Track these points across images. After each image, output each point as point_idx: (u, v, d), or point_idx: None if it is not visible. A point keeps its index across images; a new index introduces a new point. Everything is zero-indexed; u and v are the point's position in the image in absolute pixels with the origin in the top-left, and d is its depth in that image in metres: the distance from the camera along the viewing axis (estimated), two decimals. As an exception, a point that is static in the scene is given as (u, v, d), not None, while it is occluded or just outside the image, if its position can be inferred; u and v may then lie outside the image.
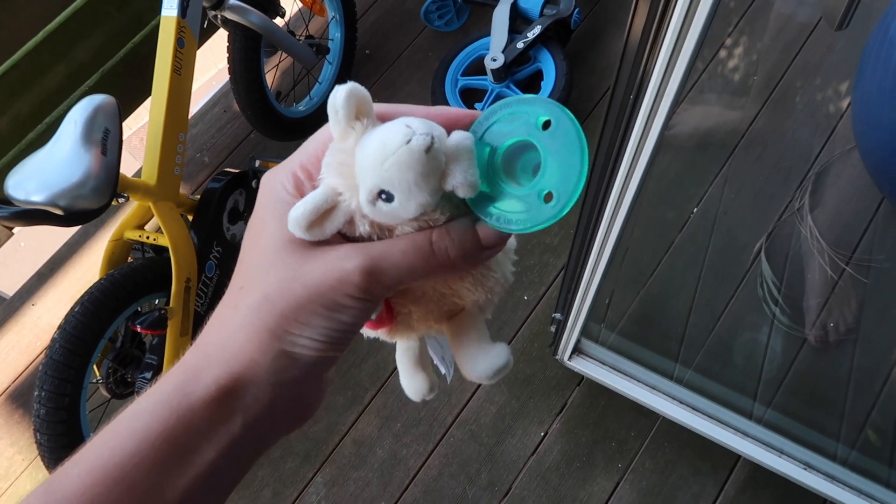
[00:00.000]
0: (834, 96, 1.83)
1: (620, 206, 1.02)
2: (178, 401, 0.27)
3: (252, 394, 0.28)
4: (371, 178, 0.28)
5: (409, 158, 0.27)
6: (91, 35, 1.58)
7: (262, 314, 0.29)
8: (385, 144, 0.28)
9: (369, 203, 0.29)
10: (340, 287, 0.28)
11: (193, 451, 0.27)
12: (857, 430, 1.42)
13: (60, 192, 1.09)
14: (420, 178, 0.28)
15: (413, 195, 0.28)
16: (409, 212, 0.29)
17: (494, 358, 0.34)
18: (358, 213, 0.30)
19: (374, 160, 0.28)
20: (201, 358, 0.29)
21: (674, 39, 0.71)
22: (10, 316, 1.80)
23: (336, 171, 0.30)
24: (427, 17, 2.04)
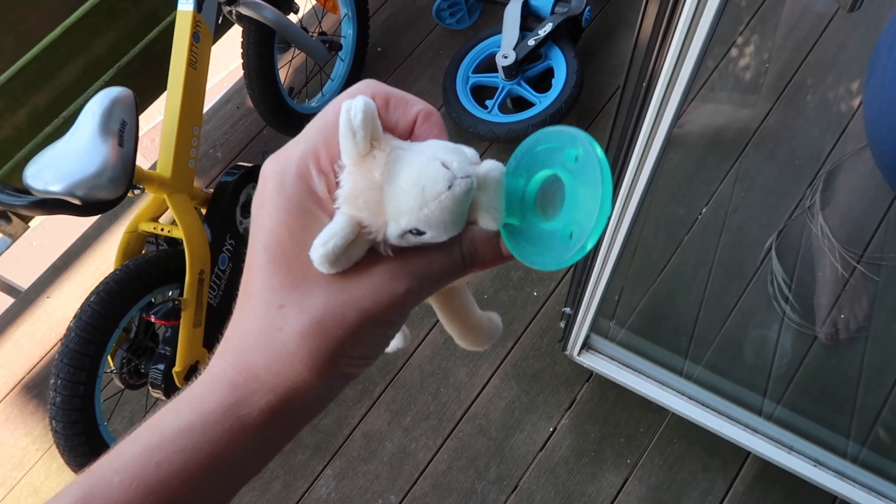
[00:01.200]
0: (845, 94, 1.83)
1: (630, 203, 1.03)
2: (230, 423, 0.27)
3: (299, 413, 0.29)
4: (408, 220, 0.27)
5: (452, 204, 0.27)
6: (108, 30, 1.60)
7: (319, 342, 0.28)
8: (425, 189, 0.27)
9: (399, 238, 0.28)
10: (394, 309, 0.29)
11: (239, 470, 0.28)
12: (868, 428, 1.42)
13: (78, 182, 1.11)
14: (457, 218, 0.28)
15: (447, 231, 0.28)
16: (438, 240, 0.28)
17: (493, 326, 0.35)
18: (382, 244, 0.29)
19: (412, 204, 0.27)
20: (251, 380, 0.28)
21: (682, 38, 0.72)
22: (26, 308, 1.82)
23: (361, 202, 0.28)
24: (439, 15, 2.05)
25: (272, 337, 0.28)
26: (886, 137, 1.47)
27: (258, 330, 0.28)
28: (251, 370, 0.28)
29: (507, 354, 1.63)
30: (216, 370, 0.29)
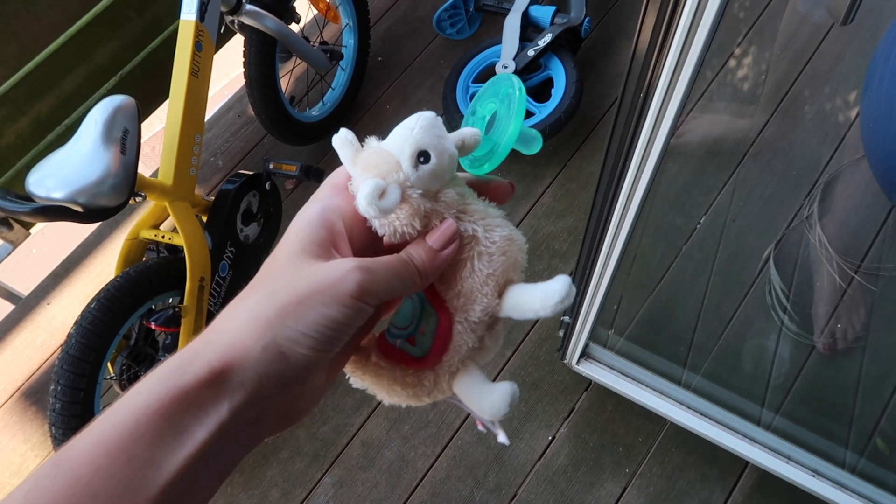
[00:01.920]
0: (842, 105, 1.84)
1: (628, 212, 1.03)
2: (173, 380, 0.29)
3: (239, 380, 0.29)
4: (409, 146, 0.35)
5: (429, 121, 0.36)
6: (111, 39, 1.61)
7: (264, 305, 0.31)
8: (407, 123, 0.36)
9: (413, 169, 0.35)
10: (340, 284, 0.31)
11: (185, 430, 0.28)
12: (866, 438, 1.42)
13: (80, 189, 1.11)
14: (442, 134, 0.36)
15: (443, 147, 0.35)
16: (444, 164, 0.36)
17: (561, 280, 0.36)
18: (408, 185, 0.35)
19: (404, 135, 0.36)
20: (201, 342, 0.30)
21: (679, 48, 0.73)
22: (26, 315, 1.83)
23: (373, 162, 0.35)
24: (439, 25, 2.06)
25: (233, 306, 0.32)
26: (883, 148, 1.48)
27: (228, 305, 0.32)
28: (206, 335, 0.31)
29: (506, 363, 1.63)
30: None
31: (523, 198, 1.82)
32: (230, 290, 1.48)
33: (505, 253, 0.37)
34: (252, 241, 1.55)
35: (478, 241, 0.37)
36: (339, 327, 0.31)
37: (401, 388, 0.39)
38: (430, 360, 0.39)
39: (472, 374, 0.39)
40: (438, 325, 0.38)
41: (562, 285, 0.36)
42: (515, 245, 0.38)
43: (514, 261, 0.38)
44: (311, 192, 1.86)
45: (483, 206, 0.38)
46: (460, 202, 0.37)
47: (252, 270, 1.54)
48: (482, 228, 0.37)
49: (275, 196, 1.61)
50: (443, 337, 0.38)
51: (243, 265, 1.52)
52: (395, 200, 0.34)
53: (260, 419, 0.31)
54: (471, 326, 0.38)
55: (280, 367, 0.30)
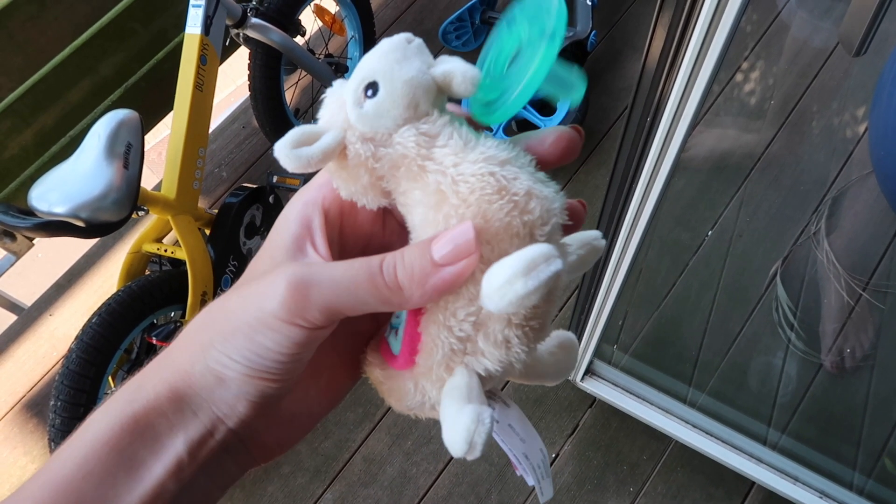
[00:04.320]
0: (851, 121, 1.83)
1: (636, 228, 1.02)
2: (122, 409, 0.26)
3: (191, 408, 0.27)
4: (354, 78, 0.27)
5: (389, 44, 0.27)
6: (116, 51, 1.61)
7: (201, 325, 0.28)
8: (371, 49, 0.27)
9: (356, 107, 0.27)
10: (264, 302, 0.25)
11: (140, 465, 0.26)
12: (874, 459, 1.40)
13: (82, 203, 1.11)
14: (402, 58, 0.27)
15: (396, 73, 0.26)
16: (396, 97, 0.26)
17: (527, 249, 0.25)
18: (348, 129, 0.27)
19: (360, 63, 0.27)
20: (152, 367, 0.28)
21: (691, 63, 0.72)
22: (28, 326, 1.82)
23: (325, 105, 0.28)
24: (445, 38, 2.06)
25: (189, 324, 0.28)
26: (891, 164, 1.47)
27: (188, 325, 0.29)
28: (158, 359, 0.28)
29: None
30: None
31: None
32: (232, 303, 1.48)
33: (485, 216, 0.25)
34: (255, 254, 1.54)
35: (444, 199, 0.26)
36: (271, 354, 0.26)
37: (388, 394, 0.31)
38: (402, 362, 0.29)
39: (454, 386, 0.28)
40: (406, 320, 0.29)
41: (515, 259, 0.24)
42: (506, 201, 0.25)
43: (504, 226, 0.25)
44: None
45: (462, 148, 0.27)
46: (425, 144, 0.27)
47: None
48: (449, 180, 0.26)
49: (278, 209, 1.60)
50: (408, 333, 0.29)
51: (246, 279, 1.51)
52: (322, 148, 0.26)
53: (230, 450, 0.28)
54: (443, 321, 0.27)
55: (224, 394, 0.26)
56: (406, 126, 0.27)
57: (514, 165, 0.27)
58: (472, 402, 0.26)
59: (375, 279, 0.25)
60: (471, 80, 0.27)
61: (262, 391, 0.27)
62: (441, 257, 0.25)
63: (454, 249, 0.25)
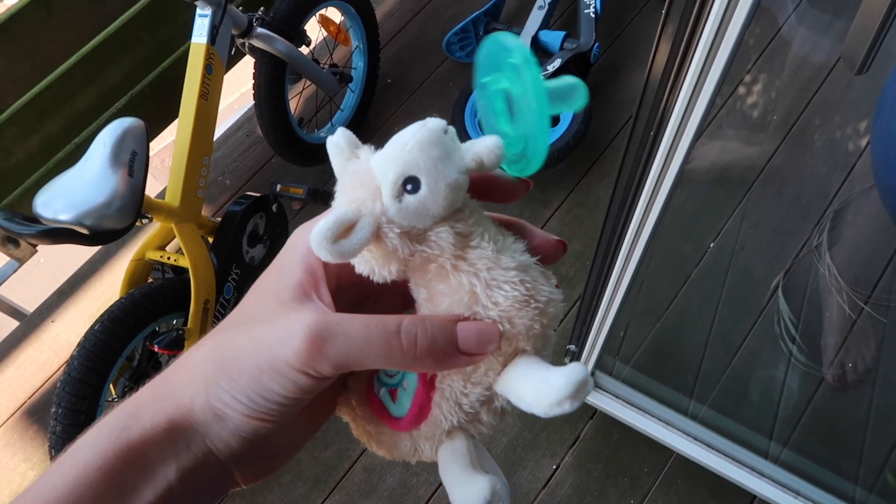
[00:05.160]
0: (853, 134, 1.83)
1: (639, 240, 1.03)
2: (116, 435, 0.26)
3: (184, 441, 0.27)
4: (393, 169, 0.27)
5: (430, 136, 0.27)
6: (122, 59, 1.62)
7: (207, 359, 0.28)
8: (402, 136, 0.28)
9: (395, 200, 0.27)
10: (279, 348, 0.26)
11: (131, 490, 0.26)
12: (876, 474, 1.40)
13: (87, 211, 1.11)
14: (444, 155, 0.27)
15: (441, 173, 0.27)
16: (439, 197, 0.27)
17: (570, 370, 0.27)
18: (384, 220, 0.27)
19: (394, 151, 0.27)
20: (149, 393, 0.28)
21: (696, 76, 0.72)
22: (30, 332, 1.82)
23: (351, 186, 0.28)
24: (449, 48, 2.07)
25: (188, 353, 0.29)
26: (893, 178, 1.47)
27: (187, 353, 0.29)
28: (154, 384, 0.28)
29: (511, 389, 1.62)
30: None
31: (530, 222, 1.81)
32: (235, 311, 1.48)
33: (511, 320, 0.28)
34: (258, 262, 1.55)
35: (476, 300, 0.28)
36: (275, 398, 0.26)
37: (377, 446, 0.33)
38: (404, 425, 0.31)
39: (456, 451, 0.30)
40: (416, 391, 0.31)
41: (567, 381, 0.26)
42: (532, 308, 0.28)
43: (526, 328, 0.28)
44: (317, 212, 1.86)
45: (493, 251, 0.28)
46: (460, 244, 0.28)
47: (257, 292, 1.54)
48: (482, 284, 0.28)
49: (281, 218, 1.61)
50: (419, 405, 0.31)
51: (248, 287, 1.51)
52: (361, 241, 0.26)
53: (218, 476, 0.29)
54: (455, 400, 0.29)
55: (221, 430, 0.27)
56: (442, 225, 0.28)
57: (534, 269, 0.29)
58: (476, 467, 0.29)
59: (390, 341, 0.26)
60: (497, 154, 0.28)
61: (256, 430, 0.27)
62: (465, 346, 0.27)
63: (479, 345, 0.27)
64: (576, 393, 0.26)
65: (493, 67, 0.31)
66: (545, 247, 0.32)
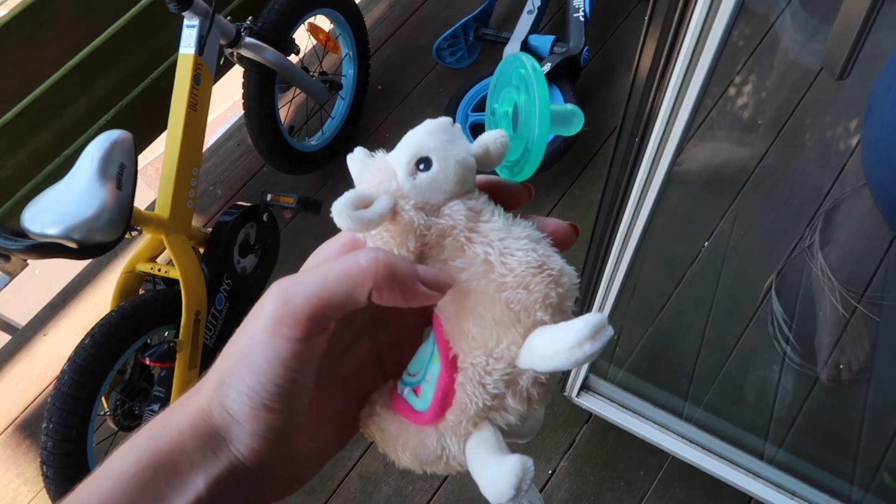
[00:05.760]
0: (843, 134, 1.83)
1: (629, 242, 1.02)
2: (147, 445, 0.27)
3: (211, 447, 0.27)
4: (406, 151, 0.30)
5: (437, 124, 0.31)
6: (111, 70, 1.62)
7: (217, 363, 0.29)
8: (417, 127, 0.31)
9: (409, 178, 0.29)
10: (256, 323, 0.27)
11: (163, 499, 0.27)
12: (872, 473, 1.39)
13: (75, 225, 1.11)
14: (452, 139, 0.30)
15: (449, 152, 0.30)
16: (450, 173, 0.29)
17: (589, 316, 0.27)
18: (400, 196, 0.30)
19: (406, 140, 0.30)
20: (178, 403, 0.29)
21: (681, 78, 0.72)
22: (22, 346, 1.81)
23: (369, 175, 0.31)
24: (439, 54, 2.07)
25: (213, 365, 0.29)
26: (885, 177, 1.47)
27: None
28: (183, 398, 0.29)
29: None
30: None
31: (523, 227, 1.81)
32: (227, 322, 1.47)
33: (527, 286, 0.29)
34: (249, 272, 1.54)
35: (491, 268, 0.29)
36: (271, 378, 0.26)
37: (401, 450, 0.32)
38: (429, 417, 0.31)
39: (484, 440, 0.30)
40: (439, 375, 0.31)
41: (585, 323, 0.27)
42: (545, 275, 0.29)
43: (543, 296, 0.29)
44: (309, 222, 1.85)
45: (505, 224, 0.30)
46: (472, 218, 0.30)
47: (249, 302, 1.54)
48: (496, 252, 0.29)
49: (272, 227, 1.60)
50: (443, 389, 0.30)
51: (240, 297, 1.51)
52: (379, 212, 0.28)
53: (246, 488, 0.29)
54: (479, 379, 0.29)
55: (239, 432, 0.28)
56: (455, 201, 0.30)
57: (545, 242, 0.31)
58: (506, 452, 0.29)
59: (346, 265, 0.27)
60: (501, 143, 0.31)
61: (269, 426, 0.27)
62: (424, 277, 0.28)
63: (436, 281, 0.29)
64: (595, 333, 0.26)
65: (504, 83, 0.34)
66: (558, 230, 0.32)
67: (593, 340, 0.26)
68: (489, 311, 0.29)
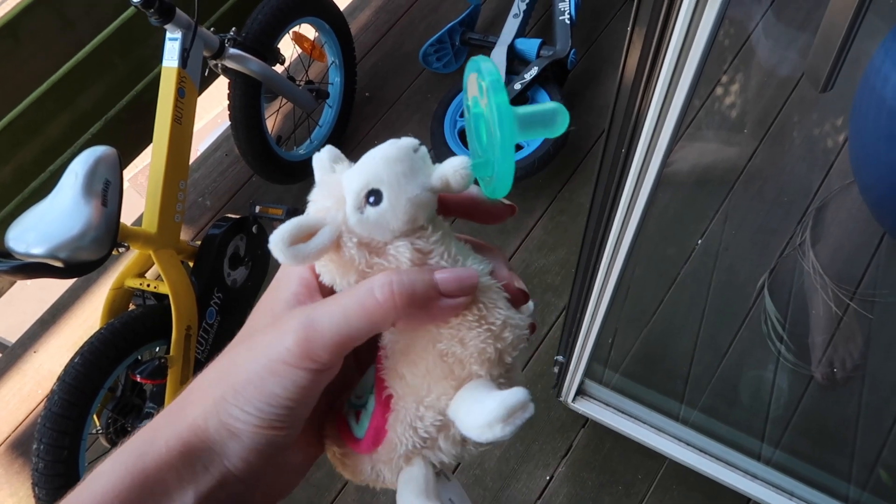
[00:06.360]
0: (831, 131, 1.84)
1: (621, 245, 1.02)
2: (133, 462, 0.27)
3: (202, 463, 0.27)
4: (357, 179, 0.27)
5: (396, 151, 0.27)
6: (94, 84, 1.60)
7: (214, 378, 0.28)
8: (373, 151, 0.28)
9: (356, 211, 0.27)
10: (273, 349, 0.27)
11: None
12: (868, 470, 1.40)
13: (61, 244, 1.09)
14: (409, 171, 0.27)
15: (403, 188, 0.27)
16: (399, 211, 0.27)
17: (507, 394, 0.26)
18: (345, 230, 0.28)
19: (361, 164, 0.28)
20: (163, 418, 0.28)
21: (668, 79, 0.71)
22: (13, 363, 1.79)
23: (320, 195, 0.29)
24: (425, 60, 2.06)
25: (200, 376, 0.29)
26: (872, 173, 1.48)
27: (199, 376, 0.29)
28: (170, 408, 0.29)
29: (501, 401, 1.60)
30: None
31: (514, 231, 1.81)
32: (218, 336, 1.46)
33: (462, 340, 0.28)
34: (240, 284, 1.53)
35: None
36: (280, 401, 0.27)
37: (341, 468, 0.33)
38: (363, 448, 0.31)
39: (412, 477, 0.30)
40: (373, 412, 0.31)
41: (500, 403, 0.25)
42: (484, 329, 0.28)
43: (478, 350, 0.28)
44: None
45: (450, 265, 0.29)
46: (418, 260, 0.28)
47: (240, 315, 1.52)
48: None
49: (262, 239, 1.59)
50: (374, 427, 0.30)
51: (231, 310, 1.49)
52: (318, 247, 0.27)
53: (236, 500, 0.29)
54: (410, 423, 0.29)
55: (236, 447, 0.27)
56: (402, 240, 0.28)
57: (494, 292, 0.29)
58: (430, 497, 0.29)
59: (364, 302, 0.27)
60: (462, 175, 0.28)
61: (271, 441, 0.28)
62: (445, 288, 0.27)
63: (460, 285, 0.27)
64: (507, 416, 0.25)
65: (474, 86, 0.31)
66: (507, 289, 0.31)
67: (504, 424, 0.25)
68: (423, 360, 0.29)
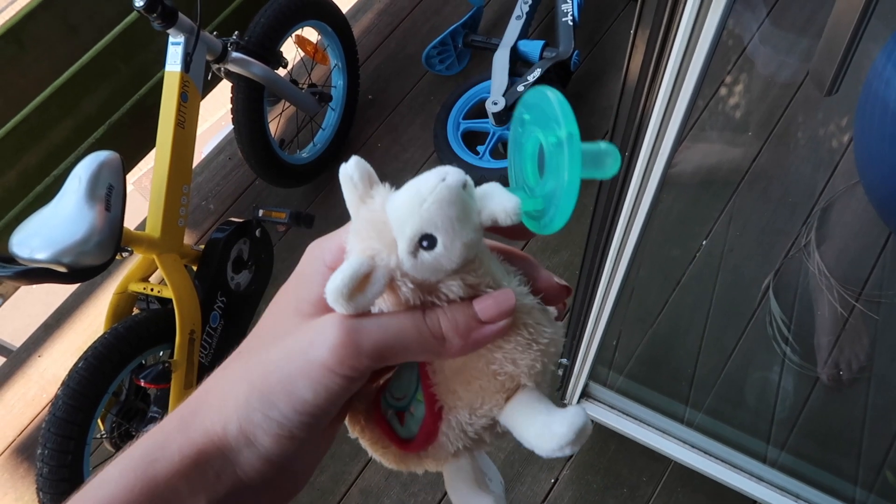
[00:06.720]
0: (836, 131, 1.83)
1: (625, 247, 1.01)
2: (143, 469, 0.26)
3: (214, 471, 0.27)
4: (411, 225, 0.27)
5: (449, 194, 0.27)
6: (98, 88, 1.61)
7: (238, 381, 0.28)
8: (420, 189, 0.27)
9: (410, 255, 0.27)
10: (312, 351, 0.26)
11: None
12: (875, 472, 1.39)
13: (64, 249, 1.10)
14: (462, 215, 0.27)
15: (458, 233, 0.27)
16: (454, 255, 0.27)
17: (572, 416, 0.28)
18: (398, 273, 0.28)
19: (411, 205, 0.27)
20: (174, 423, 0.28)
21: (672, 80, 0.70)
22: (17, 368, 1.80)
23: (366, 233, 0.28)
24: (428, 62, 2.06)
25: (213, 379, 0.28)
26: (878, 173, 1.47)
27: (213, 374, 0.29)
28: (181, 413, 0.28)
29: (506, 403, 1.60)
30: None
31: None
32: (222, 340, 1.46)
33: (515, 361, 0.30)
34: (244, 288, 1.53)
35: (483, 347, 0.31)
36: (307, 408, 0.26)
37: (381, 458, 0.35)
38: (413, 448, 0.33)
39: (460, 469, 0.34)
40: (424, 420, 0.32)
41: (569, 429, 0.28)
42: (535, 350, 0.30)
43: (528, 367, 0.30)
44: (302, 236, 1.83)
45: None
46: (469, 296, 0.29)
47: (244, 319, 1.52)
48: None
49: (266, 242, 1.59)
50: (426, 433, 0.32)
51: (235, 314, 1.49)
52: (375, 295, 0.27)
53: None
54: (461, 428, 0.31)
55: (250, 455, 0.27)
56: (454, 279, 0.29)
57: (536, 311, 0.31)
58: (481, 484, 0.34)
59: (420, 327, 0.28)
60: (513, 215, 0.28)
61: (286, 451, 0.27)
62: (485, 315, 0.28)
63: (499, 310, 0.28)
64: (576, 439, 0.28)
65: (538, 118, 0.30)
66: (550, 290, 0.32)
67: (573, 445, 0.28)
68: (477, 379, 0.31)
